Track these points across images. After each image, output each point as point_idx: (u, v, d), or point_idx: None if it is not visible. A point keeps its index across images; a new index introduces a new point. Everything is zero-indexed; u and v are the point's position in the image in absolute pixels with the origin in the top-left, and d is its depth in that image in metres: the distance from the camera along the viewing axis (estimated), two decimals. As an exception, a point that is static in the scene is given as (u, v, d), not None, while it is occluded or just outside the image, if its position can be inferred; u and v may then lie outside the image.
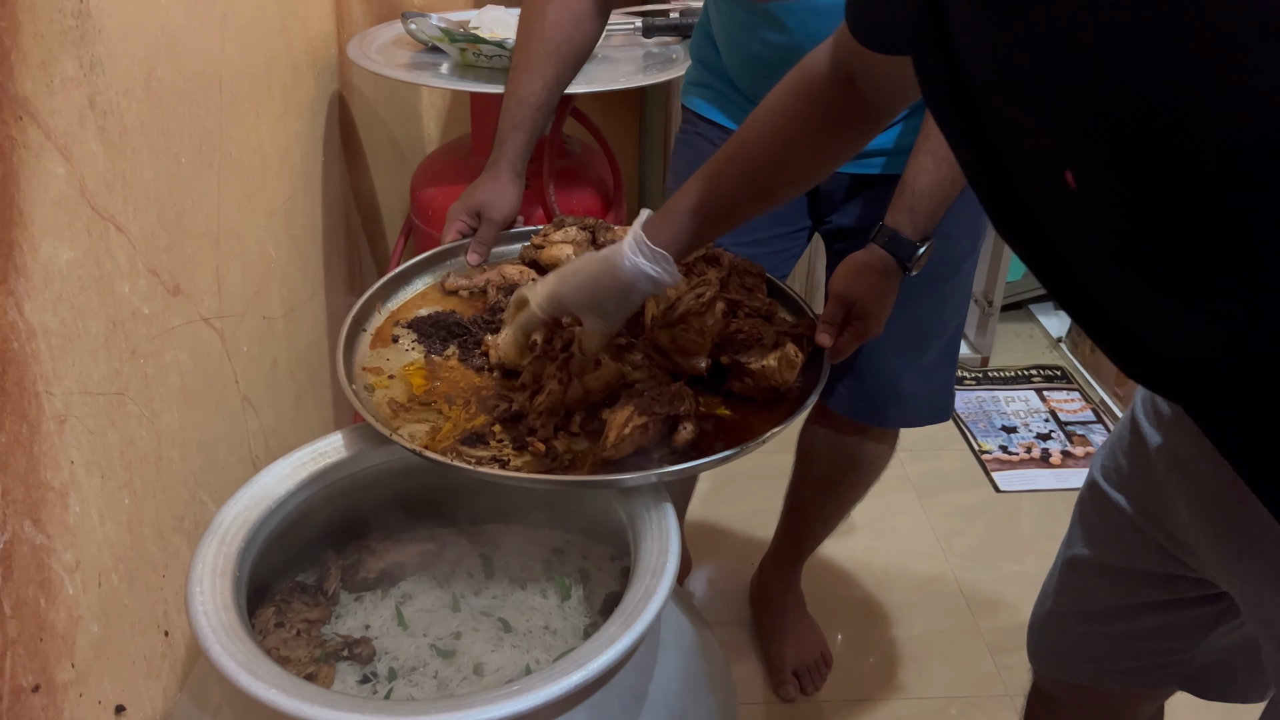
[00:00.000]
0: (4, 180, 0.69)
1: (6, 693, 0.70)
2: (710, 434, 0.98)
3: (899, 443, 2.09)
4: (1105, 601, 0.91)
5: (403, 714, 0.72)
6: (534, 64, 1.20)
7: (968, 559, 1.85)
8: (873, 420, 1.38)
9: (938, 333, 1.31)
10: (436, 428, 0.98)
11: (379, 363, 1.06)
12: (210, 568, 0.85)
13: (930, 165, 1.07)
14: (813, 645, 1.62)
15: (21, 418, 0.71)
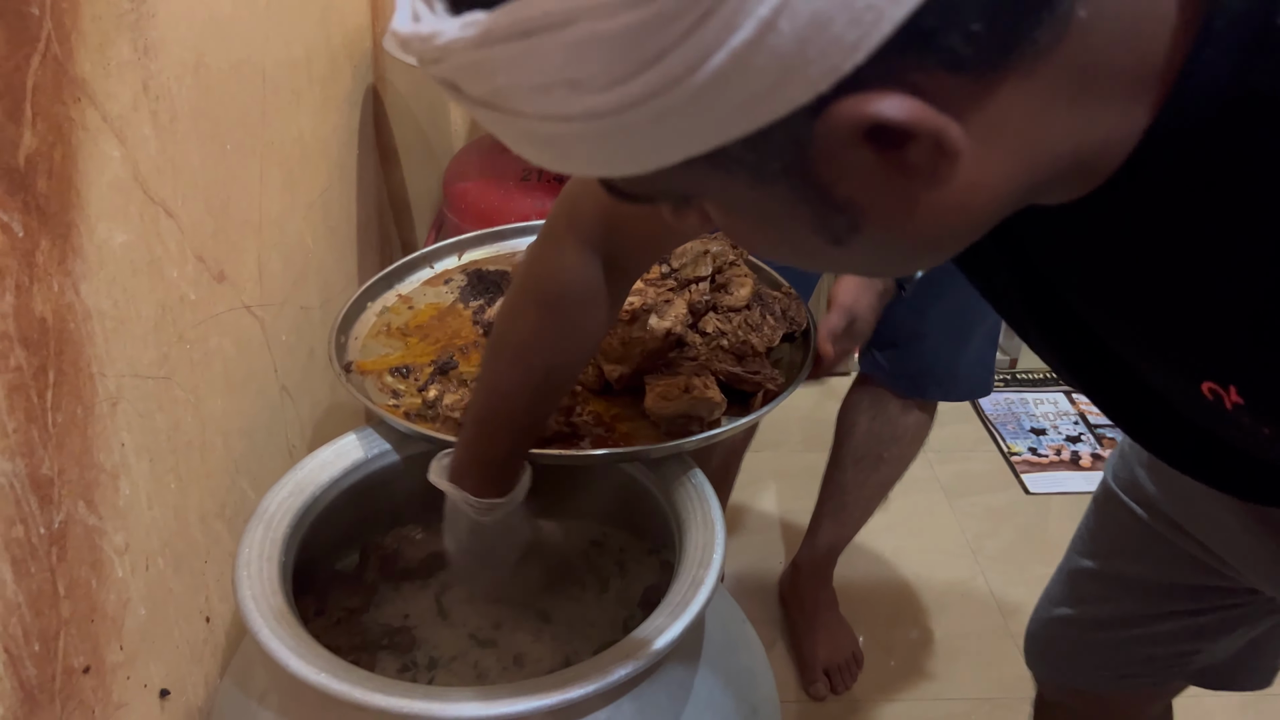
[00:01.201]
0: (63, 161, 0.69)
1: (59, 672, 0.70)
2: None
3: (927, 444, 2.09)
4: (1122, 609, 0.90)
5: (455, 699, 0.72)
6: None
7: (998, 561, 1.84)
8: (913, 393, 1.41)
9: (980, 317, 1.35)
10: (389, 354, 1.05)
11: (420, 297, 1.14)
12: (257, 552, 0.85)
13: None
14: (845, 644, 1.61)
15: (77, 399, 0.71)
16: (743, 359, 0.96)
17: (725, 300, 1.01)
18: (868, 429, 1.47)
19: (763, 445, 2.06)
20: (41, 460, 0.67)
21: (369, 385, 1.00)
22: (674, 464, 0.96)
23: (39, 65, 0.66)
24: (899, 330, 1.34)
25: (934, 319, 1.31)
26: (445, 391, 0.96)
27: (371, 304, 1.13)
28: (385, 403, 0.97)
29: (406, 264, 1.19)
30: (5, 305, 0.62)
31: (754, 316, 1.00)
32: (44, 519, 0.67)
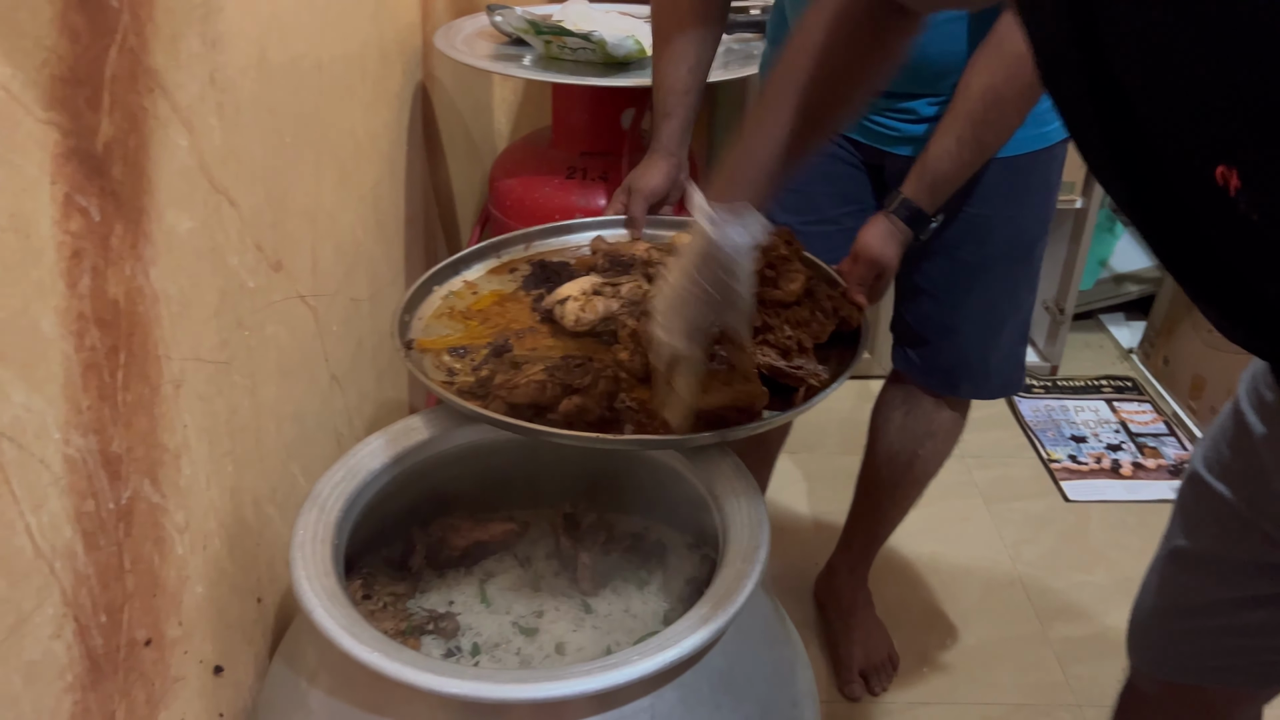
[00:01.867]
0: (137, 149, 0.71)
1: (123, 644, 0.72)
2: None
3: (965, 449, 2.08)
4: (1208, 595, 0.89)
5: (503, 681, 0.73)
6: (676, 53, 1.26)
7: (1036, 567, 1.83)
8: (946, 390, 1.41)
9: (1011, 312, 1.35)
10: (449, 334, 1.08)
11: (484, 283, 1.18)
12: (311, 535, 0.87)
13: (954, 149, 1.12)
14: (881, 646, 1.61)
15: (145, 379, 0.73)
16: (787, 354, 0.96)
17: (774, 294, 1.01)
18: (901, 425, 1.47)
19: (799, 447, 2.07)
20: (112, 438, 0.69)
21: (427, 362, 1.02)
22: (718, 458, 0.97)
23: (116, 56, 0.68)
24: (931, 327, 1.35)
25: (965, 314, 1.32)
26: (497, 372, 0.98)
27: (438, 287, 1.15)
28: (439, 379, 0.99)
29: (475, 252, 1.21)
30: (83, 287, 0.65)
31: (803, 313, 1.01)
32: (113, 494, 0.69)
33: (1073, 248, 2.28)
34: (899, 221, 1.14)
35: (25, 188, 0.59)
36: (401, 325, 1.06)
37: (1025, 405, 2.27)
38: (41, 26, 0.59)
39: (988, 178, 1.18)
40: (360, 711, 0.81)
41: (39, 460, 0.61)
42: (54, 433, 0.62)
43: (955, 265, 1.27)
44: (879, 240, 1.12)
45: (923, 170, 1.14)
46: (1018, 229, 1.27)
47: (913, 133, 1.23)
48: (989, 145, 1.12)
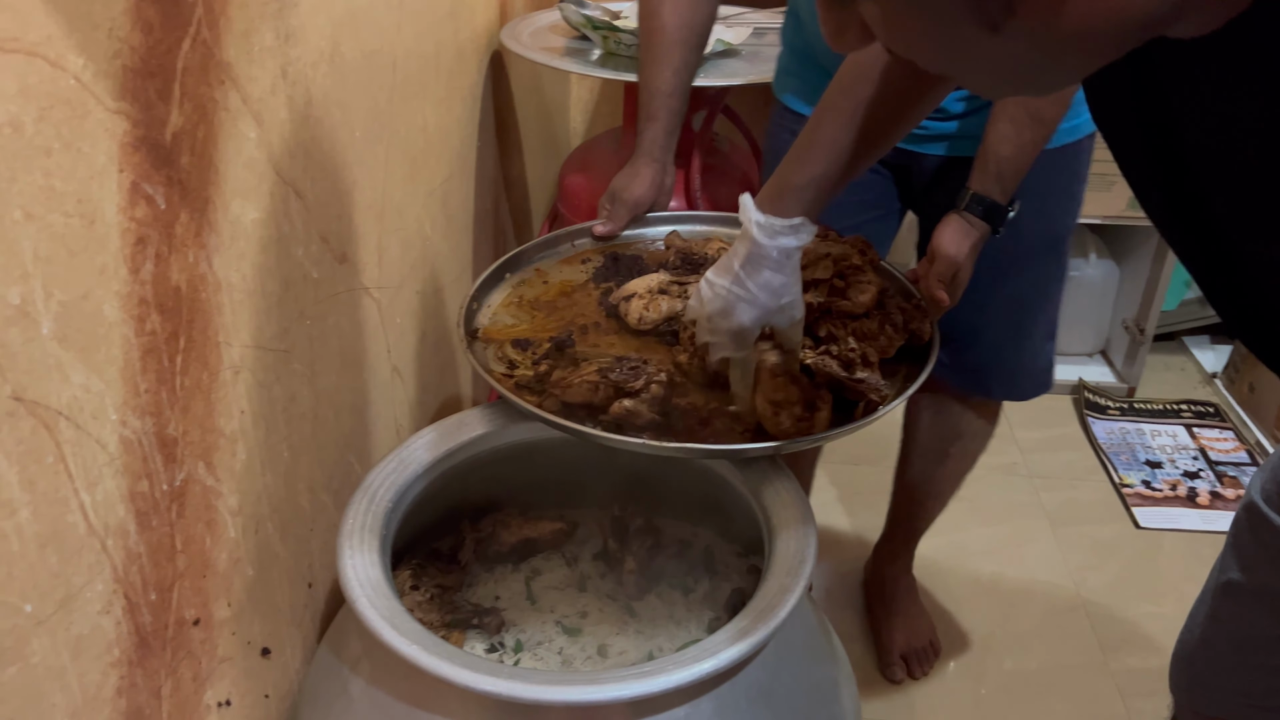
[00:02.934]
0: (205, 140, 0.73)
1: (172, 622, 0.74)
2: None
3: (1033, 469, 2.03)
4: (1262, 630, 0.85)
5: (539, 682, 0.73)
6: (660, 54, 1.24)
7: (1102, 595, 1.77)
8: (976, 390, 1.40)
9: (1039, 308, 1.33)
10: (515, 325, 1.09)
11: (555, 273, 1.19)
12: (360, 524, 0.88)
13: (1011, 132, 1.09)
14: (923, 631, 1.63)
15: (204, 365, 0.75)
16: (850, 366, 0.94)
17: (842, 305, 0.99)
18: (930, 425, 1.47)
19: (860, 459, 2.04)
20: (168, 421, 0.71)
21: (489, 353, 1.03)
22: (768, 469, 0.96)
23: (189, 49, 0.70)
24: (957, 326, 1.32)
25: (993, 312, 1.30)
26: (555, 368, 0.98)
27: (510, 275, 1.16)
28: (499, 371, 0.99)
29: (548, 240, 1.22)
30: (146, 273, 0.66)
31: (871, 325, 0.99)
32: (167, 476, 0.71)
33: (1155, 267, 2.21)
34: (973, 218, 1.11)
35: (93, 175, 0.60)
36: (469, 312, 1.06)
37: (1099, 427, 2.20)
38: (115, 18, 0.61)
39: None
40: (399, 702, 0.81)
41: (95, 440, 0.62)
42: (111, 414, 0.64)
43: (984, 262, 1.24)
44: (952, 238, 1.11)
45: (985, 160, 1.11)
46: (1048, 222, 1.25)
47: (942, 130, 1.21)
48: (1047, 117, 1.09)
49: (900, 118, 0.92)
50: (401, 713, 0.81)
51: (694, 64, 1.26)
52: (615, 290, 1.11)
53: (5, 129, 0.53)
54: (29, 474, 0.57)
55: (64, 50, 0.57)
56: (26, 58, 0.54)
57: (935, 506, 1.58)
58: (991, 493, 1.96)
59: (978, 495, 1.56)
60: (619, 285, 1.12)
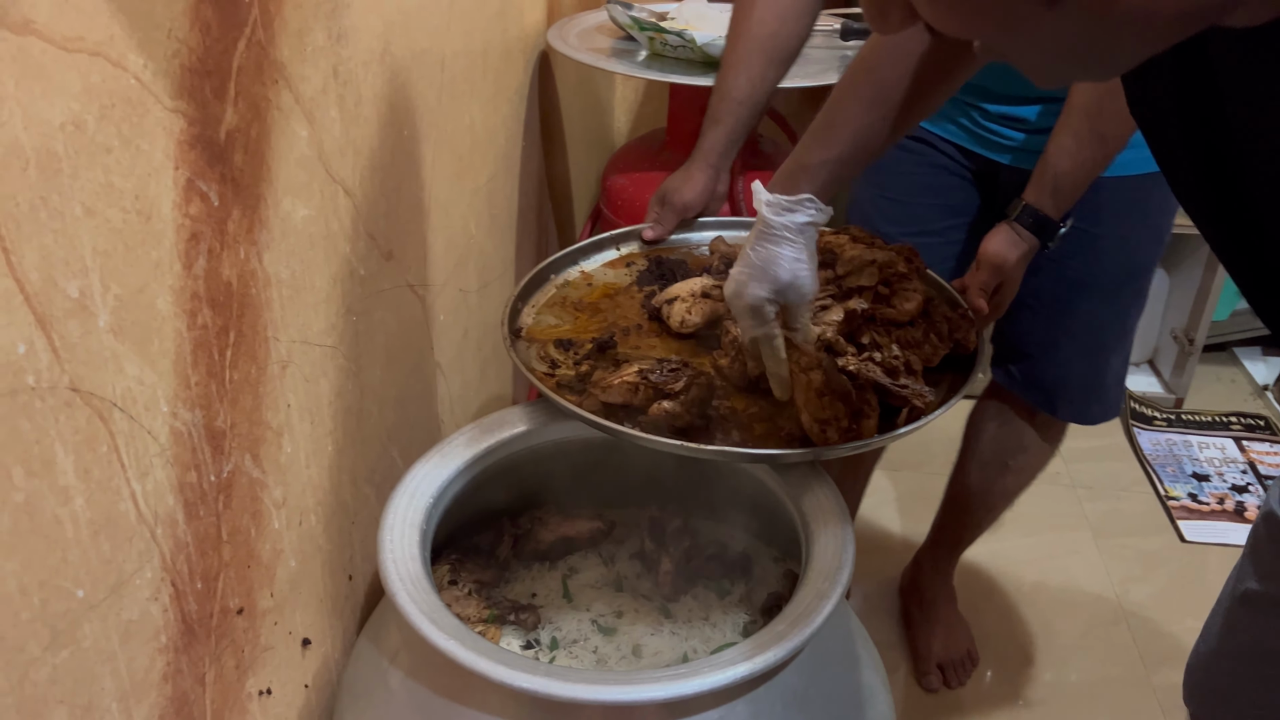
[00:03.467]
0: (258, 138, 0.74)
1: (217, 611, 0.75)
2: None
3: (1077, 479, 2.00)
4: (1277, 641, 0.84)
5: (573, 681, 0.74)
6: (739, 60, 1.21)
7: (1145, 608, 1.75)
8: (1043, 406, 1.38)
9: (1116, 336, 1.32)
10: (558, 325, 1.10)
11: (600, 275, 1.20)
12: (400, 518, 0.89)
13: (1073, 146, 1.07)
14: (961, 641, 1.62)
15: (252, 359, 0.77)
16: (894, 373, 0.94)
17: (886, 313, 0.99)
18: (994, 435, 1.45)
19: (902, 464, 2.02)
20: (217, 413, 0.72)
21: (532, 352, 1.04)
22: (808, 474, 0.96)
23: (244, 49, 0.71)
24: (1032, 342, 1.31)
25: (1069, 332, 1.28)
26: (597, 368, 0.99)
27: (555, 276, 1.17)
28: (541, 370, 1.00)
29: (594, 243, 1.22)
30: (198, 268, 0.68)
31: (915, 333, 0.98)
32: (215, 468, 0.73)
33: (1207, 276, 2.17)
34: (1022, 229, 1.10)
35: (150, 172, 0.62)
36: (513, 312, 1.07)
37: (1144, 438, 2.17)
38: (175, 19, 0.62)
39: (1100, 196, 1.13)
40: (436, 696, 0.82)
41: (147, 431, 0.64)
42: (163, 406, 0.65)
43: (1061, 280, 1.23)
44: (998, 248, 1.10)
45: (1042, 172, 1.10)
46: (1130, 250, 1.23)
47: (1018, 141, 1.19)
48: (1111, 137, 1.07)
49: (927, 100, 0.91)
50: (439, 706, 0.82)
51: (774, 77, 1.23)
52: (658, 293, 1.11)
53: (68, 127, 0.54)
54: (84, 462, 0.58)
55: (125, 50, 0.58)
56: (90, 57, 0.55)
57: (986, 519, 1.56)
58: (1034, 502, 1.92)
59: (1020, 504, 1.54)
60: (662, 288, 1.12)
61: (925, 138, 1.28)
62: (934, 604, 1.64)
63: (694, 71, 1.50)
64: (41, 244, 0.53)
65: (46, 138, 0.53)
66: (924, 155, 1.28)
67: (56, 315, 0.55)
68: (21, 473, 0.54)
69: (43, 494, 0.55)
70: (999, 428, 1.45)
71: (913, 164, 1.29)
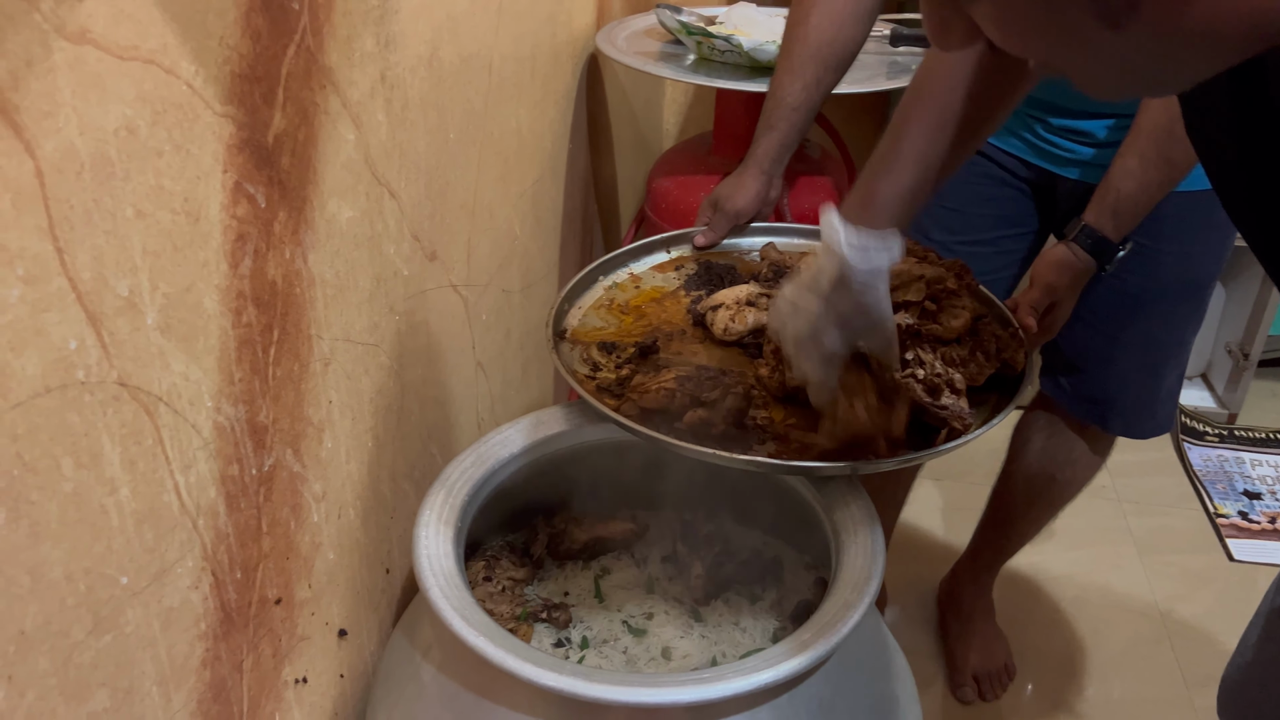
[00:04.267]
0: (305, 142, 0.76)
1: (255, 600, 0.77)
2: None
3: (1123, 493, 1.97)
4: None
5: (600, 681, 0.75)
6: (794, 66, 1.22)
7: (1189, 627, 1.72)
8: (1094, 420, 1.37)
9: (1172, 351, 1.30)
10: (603, 328, 1.11)
11: (649, 278, 1.20)
12: (436, 515, 0.91)
13: (1137, 169, 1.05)
14: (998, 653, 1.60)
15: (295, 356, 0.79)
16: (935, 391, 0.93)
17: (933, 329, 0.98)
18: (1042, 447, 1.43)
19: (944, 474, 2.01)
20: (260, 408, 0.74)
21: (575, 354, 1.05)
22: (841, 484, 0.96)
23: (294, 54, 0.73)
24: (1084, 354, 1.30)
25: (1123, 346, 1.26)
26: (638, 372, 1.00)
27: (604, 278, 1.18)
28: (583, 372, 1.01)
29: (644, 245, 1.23)
30: (244, 268, 0.70)
31: (961, 351, 0.97)
32: (256, 461, 0.75)
33: (1263, 290, 2.12)
34: (1079, 250, 1.08)
35: (200, 175, 0.64)
36: (559, 312, 1.09)
37: (1195, 453, 2.13)
38: (226, 27, 0.64)
39: (1162, 210, 1.11)
40: (466, 691, 0.84)
41: (191, 425, 0.66)
42: (207, 401, 0.68)
43: (1117, 294, 1.21)
44: (1052, 267, 1.08)
45: (1104, 193, 1.08)
46: (1189, 265, 1.21)
47: (1084, 155, 1.18)
48: (1178, 162, 1.04)
49: (989, 119, 0.90)
50: (468, 701, 0.84)
51: (829, 83, 1.24)
52: (704, 299, 1.12)
53: (121, 132, 0.56)
54: (130, 455, 0.61)
55: (178, 58, 0.60)
56: (144, 65, 0.58)
57: (1029, 531, 1.54)
58: (1078, 515, 1.90)
59: (1063, 516, 1.52)
60: (709, 294, 1.13)
61: (984, 149, 1.27)
62: (972, 615, 1.63)
63: (740, 76, 1.51)
64: (94, 244, 0.55)
65: (101, 142, 0.55)
66: (982, 166, 1.28)
67: (107, 313, 0.57)
68: (70, 464, 0.56)
69: (90, 485, 0.58)
70: (1047, 439, 1.43)
71: (970, 173, 1.28)
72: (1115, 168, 1.07)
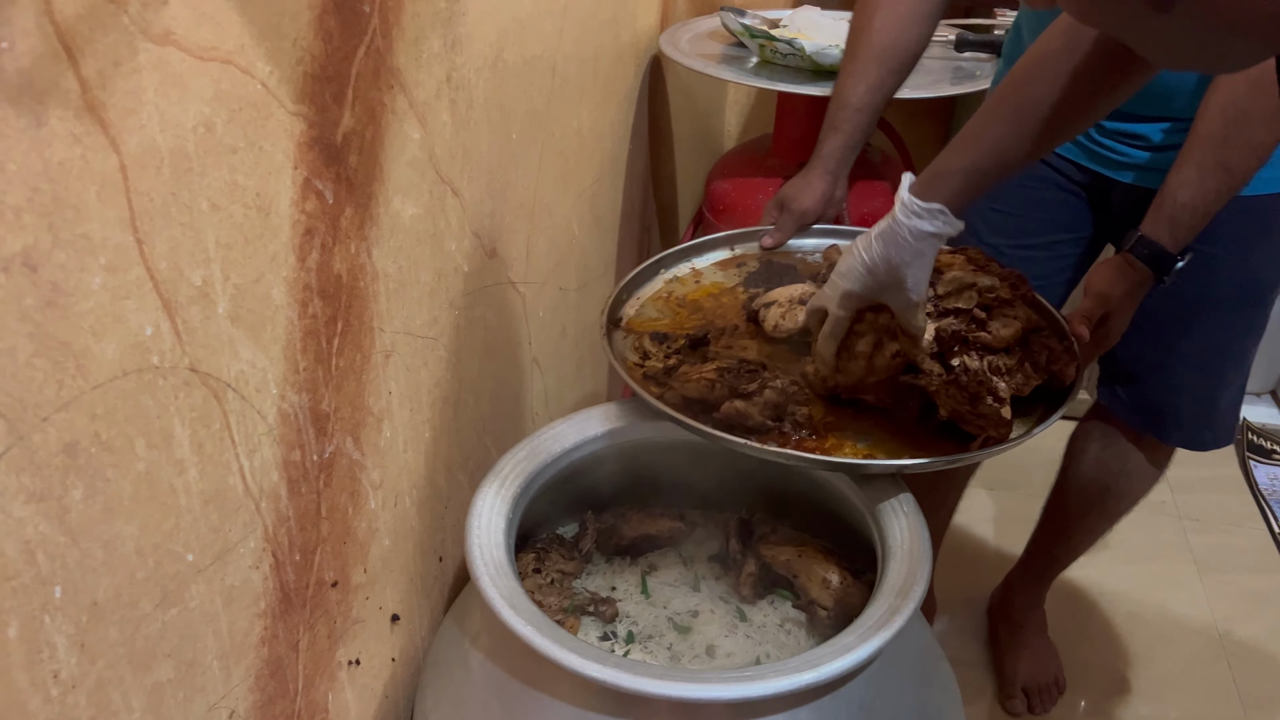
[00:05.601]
0: (372, 140, 0.79)
1: (313, 583, 0.80)
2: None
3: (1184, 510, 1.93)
4: None
5: (640, 674, 0.76)
6: (858, 67, 1.22)
7: (1249, 650, 1.68)
8: (1151, 430, 1.34)
9: (1233, 360, 1.26)
10: (658, 319, 1.13)
11: (710, 274, 1.22)
12: (489, 506, 0.93)
13: (1194, 178, 1.02)
14: (1048, 667, 1.58)
15: (357, 348, 0.81)
16: (976, 399, 0.93)
17: (981, 337, 0.98)
18: (1097, 457, 1.41)
19: (998, 484, 1.98)
20: (322, 397, 0.77)
21: (628, 343, 1.07)
22: (887, 487, 0.96)
23: (364, 55, 0.75)
24: (1141, 363, 1.27)
25: (1181, 355, 1.23)
26: (684, 363, 1.01)
27: (665, 271, 1.20)
28: (632, 360, 1.03)
29: (708, 241, 1.25)
30: (311, 261, 0.73)
31: (1010, 361, 0.97)
32: (318, 448, 0.78)
33: (1340, 305, 2.06)
34: (1135, 261, 1.06)
35: (272, 171, 0.67)
36: (617, 301, 1.10)
37: (1261, 471, 2.07)
38: (300, 29, 0.67)
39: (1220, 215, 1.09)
40: (512, 679, 0.86)
41: (257, 411, 0.69)
42: (272, 388, 0.70)
43: (1174, 301, 1.19)
44: (1106, 277, 1.07)
45: (1161, 203, 1.06)
46: (1249, 272, 1.18)
47: (1138, 159, 1.16)
48: (1237, 170, 1.02)
49: (1072, 117, 0.89)
50: (514, 689, 0.86)
51: (892, 85, 1.24)
52: (760, 296, 1.13)
53: (199, 129, 0.59)
54: (198, 438, 0.64)
55: (254, 58, 0.63)
56: (221, 65, 0.60)
57: (1084, 543, 1.52)
58: (1136, 530, 1.87)
59: (1120, 531, 1.50)
60: (767, 292, 1.14)
61: None
62: (1023, 627, 1.61)
63: (802, 80, 1.51)
64: (170, 236, 0.58)
65: (180, 139, 0.58)
66: (1037, 169, 1.26)
67: (181, 301, 0.60)
68: (143, 444, 0.59)
69: (161, 465, 0.61)
70: (1102, 450, 1.41)
71: (1025, 177, 1.27)
72: (1172, 178, 1.05)
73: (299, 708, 0.81)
